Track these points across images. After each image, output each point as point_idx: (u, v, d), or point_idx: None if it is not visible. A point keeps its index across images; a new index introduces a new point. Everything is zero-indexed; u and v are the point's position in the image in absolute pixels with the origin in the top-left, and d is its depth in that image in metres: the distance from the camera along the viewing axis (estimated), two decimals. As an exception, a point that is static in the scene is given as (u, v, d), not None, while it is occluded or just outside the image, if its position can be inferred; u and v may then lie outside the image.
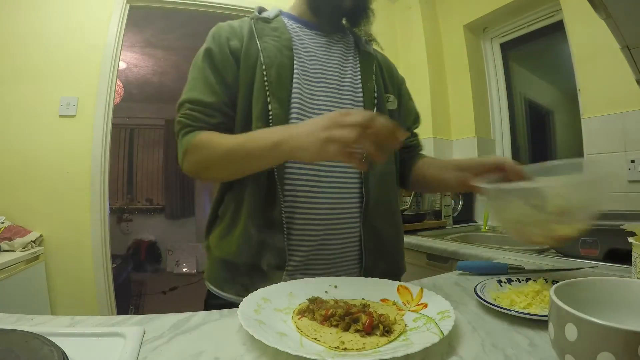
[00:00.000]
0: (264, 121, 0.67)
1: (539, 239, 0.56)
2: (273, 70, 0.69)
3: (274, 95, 0.68)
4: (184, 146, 0.68)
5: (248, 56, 0.71)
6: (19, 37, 1.67)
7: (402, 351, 0.35)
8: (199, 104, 0.69)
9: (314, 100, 0.74)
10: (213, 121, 0.69)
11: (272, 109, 0.67)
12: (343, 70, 0.79)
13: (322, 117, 0.53)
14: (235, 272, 0.70)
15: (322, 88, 0.75)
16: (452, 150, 2.23)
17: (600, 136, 1.47)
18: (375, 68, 0.83)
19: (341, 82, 0.78)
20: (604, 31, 0.78)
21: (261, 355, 0.38)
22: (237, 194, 0.71)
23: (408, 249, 1.46)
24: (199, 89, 0.70)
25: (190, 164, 0.69)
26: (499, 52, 2.17)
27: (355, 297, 0.55)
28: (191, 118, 0.69)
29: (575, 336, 0.29)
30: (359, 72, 0.81)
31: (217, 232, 0.74)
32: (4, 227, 1.53)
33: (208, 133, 0.68)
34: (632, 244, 0.54)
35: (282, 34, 0.74)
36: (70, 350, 0.36)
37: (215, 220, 0.77)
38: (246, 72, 0.70)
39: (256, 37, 0.72)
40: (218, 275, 0.73)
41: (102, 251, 1.73)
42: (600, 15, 0.69)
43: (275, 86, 0.69)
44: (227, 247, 0.71)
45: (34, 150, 1.66)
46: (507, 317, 0.48)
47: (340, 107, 0.75)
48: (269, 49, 0.71)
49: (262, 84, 0.68)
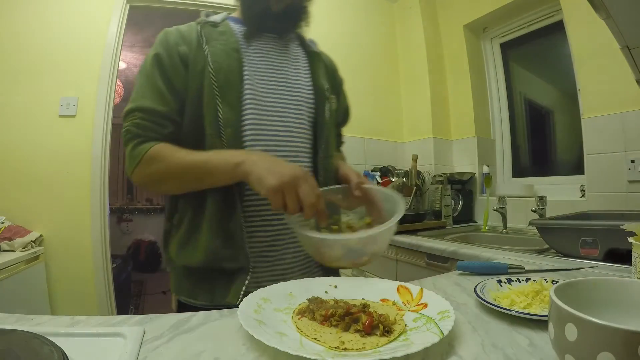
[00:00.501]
0: (216, 126, 0.68)
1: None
2: (222, 74, 0.69)
3: (224, 100, 0.68)
4: (135, 157, 0.67)
5: (196, 61, 0.70)
6: (19, 37, 1.67)
7: (402, 351, 0.35)
8: (150, 113, 0.68)
9: (269, 100, 0.75)
10: (165, 131, 0.69)
11: (222, 113, 0.68)
12: (294, 69, 0.81)
13: (289, 167, 0.61)
14: (204, 277, 0.70)
15: (276, 88, 0.76)
16: (452, 150, 2.23)
17: (600, 136, 1.47)
18: (323, 68, 0.86)
19: (293, 81, 0.80)
20: (604, 31, 0.78)
21: (261, 355, 0.38)
22: (193, 199, 0.71)
23: (408, 249, 1.46)
24: (149, 97, 0.69)
25: (143, 176, 0.69)
26: (499, 52, 2.17)
27: (355, 297, 0.55)
28: (142, 127, 0.68)
29: (575, 336, 0.29)
30: (308, 71, 0.83)
31: (176, 242, 0.73)
32: (4, 227, 1.53)
33: (163, 145, 0.67)
34: (632, 244, 0.54)
35: (230, 38, 0.74)
36: (70, 350, 0.36)
37: (171, 229, 0.76)
38: (195, 78, 0.70)
39: (204, 42, 0.72)
40: (187, 285, 0.73)
41: (102, 251, 1.73)
42: (600, 15, 0.69)
43: (225, 90, 0.69)
44: (190, 254, 0.70)
45: (34, 150, 1.66)
46: (507, 317, 0.48)
47: (295, 106, 0.78)
48: (217, 53, 0.71)
49: (211, 89, 0.68)
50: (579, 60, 1.57)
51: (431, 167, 2.09)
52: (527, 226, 1.48)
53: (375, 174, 2.08)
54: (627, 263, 0.59)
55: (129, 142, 0.68)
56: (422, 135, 2.21)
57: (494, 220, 1.77)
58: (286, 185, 0.58)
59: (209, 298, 0.69)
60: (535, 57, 2.04)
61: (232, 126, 0.68)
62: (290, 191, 0.58)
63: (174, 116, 0.70)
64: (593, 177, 1.49)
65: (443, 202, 1.88)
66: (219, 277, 0.70)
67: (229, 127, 0.68)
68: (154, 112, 0.68)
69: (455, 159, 2.22)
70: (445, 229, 1.77)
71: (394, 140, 2.36)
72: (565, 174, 1.81)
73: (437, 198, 1.92)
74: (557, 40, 1.83)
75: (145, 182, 0.71)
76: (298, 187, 0.59)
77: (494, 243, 1.50)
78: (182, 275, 0.74)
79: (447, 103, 2.26)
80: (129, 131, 0.68)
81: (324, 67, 0.87)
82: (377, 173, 2.10)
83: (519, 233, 1.62)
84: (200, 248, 0.69)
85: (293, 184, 0.58)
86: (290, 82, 0.79)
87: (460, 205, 1.97)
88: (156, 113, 0.68)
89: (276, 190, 0.58)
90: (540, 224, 1.01)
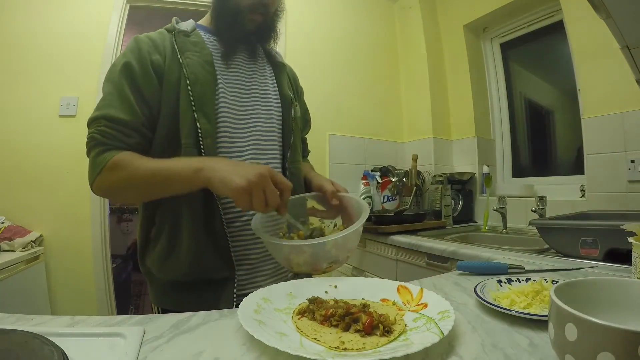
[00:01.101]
0: (194, 137, 0.68)
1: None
2: (198, 86, 0.70)
3: (201, 111, 0.69)
4: (98, 165, 0.65)
5: (171, 71, 0.70)
6: (19, 37, 1.67)
7: (402, 351, 0.35)
8: (116, 122, 0.66)
9: (241, 110, 0.76)
10: (130, 141, 0.68)
11: (200, 124, 0.68)
12: (262, 79, 0.83)
13: (254, 167, 0.60)
14: (190, 289, 0.70)
15: (247, 98, 0.78)
16: (452, 150, 2.23)
17: (600, 136, 1.47)
18: (286, 78, 0.89)
19: (262, 90, 0.82)
20: (604, 31, 0.78)
21: (261, 355, 0.38)
22: (171, 212, 0.70)
23: (408, 249, 1.46)
24: (115, 106, 0.67)
25: (104, 184, 0.67)
26: (499, 52, 2.17)
27: (355, 297, 0.55)
28: (107, 136, 0.66)
29: (575, 336, 0.29)
30: (274, 80, 0.86)
31: (155, 256, 0.72)
32: (4, 227, 1.53)
33: (125, 154, 0.66)
34: (632, 244, 0.54)
35: (203, 49, 0.75)
36: (70, 350, 0.36)
37: (148, 243, 0.74)
38: (170, 89, 0.69)
39: (178, 52, 0.72)
40: (172, 296, 0.72)
41: (102, 251, 1.73)
42: (600, 15, 0.69)
43: (201, 102, 0.69)
44: (173, 267, 0.70)
45: (34, 150, 1.66)
46: (507, 317, 0.48)
47: (265, 114, 0.80)
48: (192, 64, 0.71)
49: (187, 101, 0.68)
50: (579, 60, 1.57)
51: (431, 167, 2.09)
52: (527, 226, 1.48)
53: (375, 174, 2.08)
54: (627, 263, 0.59)
55: (92, 150, 0.67)
56: (422, 135, 2.21)
57: (494, 220, 1.77)
58: (254, 185, 0.57)
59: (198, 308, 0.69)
60: (535, 57, 2.04)
61: (210, 137, 0.69)
62: (258, 190, 0.58)
63: (141, 127, 0.69)
64: (593, 177, 1.49)
65: (443, 202, 1.88)
66: (206, 287, 0.70)
67: (207, 137, 0.69)
68: (119, 121, 0.66)
69: (455, 159, 2.22)
70: (445, 229, 1.77)
71: (394, 140, 2.36)
72: (565, 174, 1.81)
73: (437, 198, 1.92)
74: (557, 40, 1.82)
75: (107, 191, 0.70)
76: (265, 187, 0.59)
77: (494, 243, 1.50)
78: (166, 288, 0.73)
79: (447, 103, 2.26)
80: (92, 138, 0.67)
81: (287, 77, 0.91)
82: (377, 173, 2.10)
83: (519, 233, 1.62)
84: (183, 260, 0.68)
85: (259, 185, 0.58)
86: (259, 92, 0.81)
87: (460, 205, 1.96)
88: (122, 122, 0.66)
89: (243, 191, 0.57)
90: (540, 224, 1.01)
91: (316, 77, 2.10)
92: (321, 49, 2.15)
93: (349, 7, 2.32)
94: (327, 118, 2.09)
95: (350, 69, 2.26)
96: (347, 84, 2.23)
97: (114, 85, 0.68)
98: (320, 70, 2.13)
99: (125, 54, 0.71)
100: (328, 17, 2.20)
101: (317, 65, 2.13)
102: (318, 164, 1.14)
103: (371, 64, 2.34)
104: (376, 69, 2.36)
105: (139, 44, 0.71)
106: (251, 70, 0.83)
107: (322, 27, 2.20)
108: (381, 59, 2.39)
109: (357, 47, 2.30)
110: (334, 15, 2.23)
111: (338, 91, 2.17)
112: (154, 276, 0.74)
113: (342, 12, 2.28)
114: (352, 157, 2.19)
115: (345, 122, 2.18)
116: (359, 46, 2.31)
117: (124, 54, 0.71)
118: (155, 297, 0.75)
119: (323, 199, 0.81)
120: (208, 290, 0.70)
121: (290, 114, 0.84)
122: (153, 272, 0.73)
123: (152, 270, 0.73)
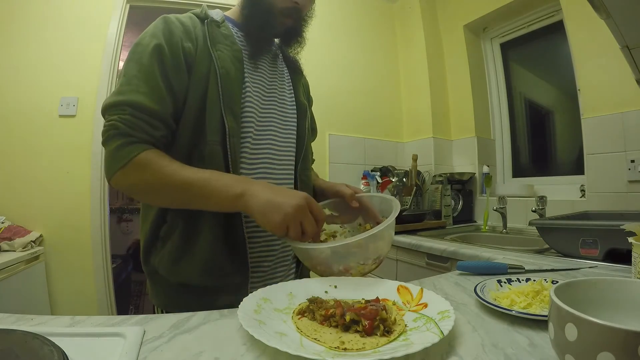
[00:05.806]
0: (220, 134, 0.65)
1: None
2: (227, 82, 0.67)
3: (229, 108, 0.66)
4: (121, 159, 0.58)
5: (201, 63, 0.66)
6: (19, 37, 1.67)
7: (402, 351, 0.35)
8: (144, 110, 0.60)
9: (263, 113, 0.75)
10: (157, 133, 0.62)
11: (228, 122, 0.65)
12: (280, 84, 0.82)
13: (291, 197, 0.58)
14: (204, 293, 0.67)
15: (268, 101, 0.77)
16: (452, 150, 2.23)
17: (600, 136, 1.47)
18: (302, 86, 0.88)
19: (280, 95, 0.81)
20: (604, 31, 0.78)
21: (261, 355, 0.38)
22: (186, 211, 0.66)
23: (408, 249, 1.46)
24: (144, 93, 0.60)
25: (126, 181, 0.60)
26: (499, 52, 2.17)
27: (356, 297, 0.55)
28: (132, 126, 0.59)
29: (575, 336, 0.29)
30: (291, 86, 0.85)
31: (165, 256, 0.67)
32: (4, 227, 1.53)
33: (155, 153, 0.61)
34: (632, 244, 0.54)
35: (233, 44, 0.72)
36: (70, 350, 0.36)
37: (156, 242, 0.69)
38: (198, 81, 0.66)
39: (209, 42, 0.68)
40: (183, 300, 0.68)
41: (102, 251, 1.73)
42: (600, 15, 0.69)
43: (230, 99, 0.67)
44: (186, 269, 0.66)
45: (34, 150, 1.66)
46: (507, 317, 0.48)
47: (283, 120, 0.79)
48: (223, 58, 0.68)
49: (216, 96, 0.65)
50: (579, 60, 1.57)
51: (431, 167, 2.09)
52: (527, 226, 1.48)
53: (375, 174, 2.08)
54: (627, 263, 0.60)
55: (113, 140, 0.59)
56: (422, 135, 2.21)
57: (494, 220, 1.77)
58: (290, 219, 0.57)
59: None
60: (535, 57, 2.04)
61: (235, 136, 0.67)
62: (295, 224, 0.57)
63: (168, 118, 0.64)
64: (593, 177, 1.49)
65: (443, 202, 1.89)
66: (217, 293, 0.67)
67: (234, 136, 0.66)
68: (148, 110, 0.60)
69: (455, 159, 2.22)
70: (445, 229, 1.77)
71: (394, 140, 2.36)
72: (565, 174, 1.81)
73: (437, 198, 1.92)
74: (557, 40, 1.83)
75: (127, 188, 0.63)
76: (303, 219, 0.58)
77: (494, 243, 1.50)
78: (175, 292, 0.68)
79: (447, 103, 2.26)
80: (114, 127, 0.59)
81: (302, 85, 0.90)
82: (377, 173, 2.10)
83: (519, 233, 1.62)
84: (197, 262, 0.65)
85: (297, 218, 0.57)
86: (278, 96, 0.80)
87: (460, 205, 1.97)
88: (150, 112, 0.60)
89: (280, 226, 0.57)
90: (540, 224, 1.01)
91: (316, 77, 2.09)
92: (321, 49, 2.15)
93: (349, 8, 2.32)
94: (327, 118, 2.09)
95: (350, 69, 2.26)
96: (347, 83, 2.23)
97: (142, 68, 0.62)
98: (320, 70, 2.13)
99: (155, 35, 0.64)
100: (328, 17, 2.20)
101: (317, 65, 2.13)
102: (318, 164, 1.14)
103: (371, 63, 2.34)
104: (376, 68, 2.36)
105: (170, 26, 0.66)
106: (273, 73, 0.81)
107: (322, 28, 2.20)
108: (381, 59, 2.39)
109: (357, 47, 2.30)
110: (333, 15, 2.23)
111: (338, 91, 2.17)
112: (160, 277, 0.69)
113: (342, 13, 2.28)
114: (352, 157, 2.19)
115: (345, 122, 2.18)
116: (359, 46, 2.31)
117: (153, 34, 0.64)
118: (160, 300, 0.71)
119: (338, 205, 0.79)
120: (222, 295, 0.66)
121: (304, 121, 0.82)
122: (160, 273, 0.68)
123: (159, 271, 0.68)
